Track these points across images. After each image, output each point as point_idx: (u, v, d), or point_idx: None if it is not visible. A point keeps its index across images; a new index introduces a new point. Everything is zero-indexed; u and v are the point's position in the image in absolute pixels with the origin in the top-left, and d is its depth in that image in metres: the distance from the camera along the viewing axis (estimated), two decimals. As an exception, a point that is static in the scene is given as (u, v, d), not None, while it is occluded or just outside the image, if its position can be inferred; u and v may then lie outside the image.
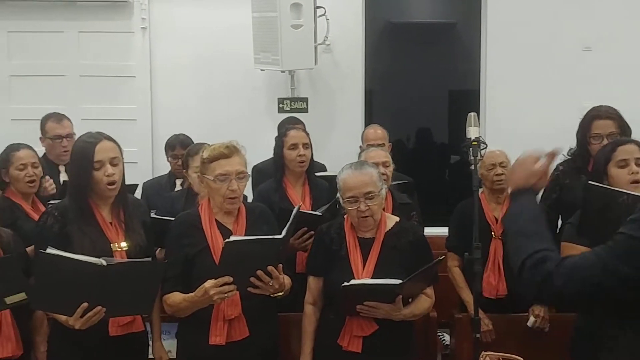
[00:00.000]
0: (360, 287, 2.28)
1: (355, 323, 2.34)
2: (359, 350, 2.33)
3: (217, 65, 4.56)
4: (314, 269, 2.51)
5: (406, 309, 2.35)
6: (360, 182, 2.37)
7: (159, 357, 2.48)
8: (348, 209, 2.41)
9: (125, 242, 2.32)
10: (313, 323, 2.47)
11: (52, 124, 3.59)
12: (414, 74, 5.72)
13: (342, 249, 2.43)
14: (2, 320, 2.21)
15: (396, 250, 2.42)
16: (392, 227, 2.47)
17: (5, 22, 4.53)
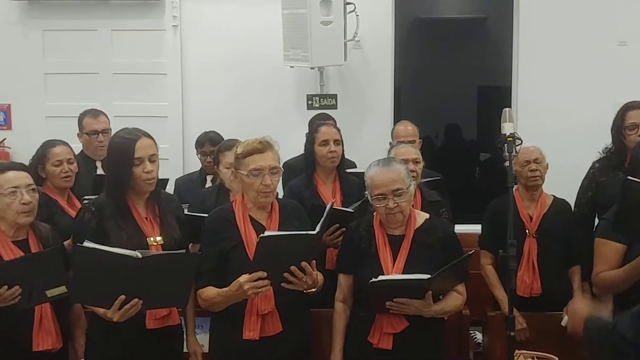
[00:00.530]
0: (388, 283, 2.27)
1: (386, 320, 2.33)
2: (389, 347, 2.32)
3: (247, 62, 4.58)
4: (343, 267, 2.52)
5: (436, 305, 2.33)
6: (388, 179, 2.36)
7: (193, 351, 2.50)
8: (376, 207, 2.40)
9: (161, 237, 2.35)
10: (343, 320, 2.47)
11: (88, 119, 3.64)
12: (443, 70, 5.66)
13: (372, 247, 2.42)
14: (43, 313, 2.25)
15: (426, 247, 2.40)
16: (422, 224, 2.46)
17: (41, 21, 4.62)
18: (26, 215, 2.29)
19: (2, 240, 2.28)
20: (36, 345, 2.24)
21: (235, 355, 2.35)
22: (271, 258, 2.19)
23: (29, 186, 2.32)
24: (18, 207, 2.27)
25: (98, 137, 3.58)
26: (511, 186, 2.43)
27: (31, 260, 2.17)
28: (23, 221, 2.29)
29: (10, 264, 2.13)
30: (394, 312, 2.30)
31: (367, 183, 2.44)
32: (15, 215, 2.27)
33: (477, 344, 3.25)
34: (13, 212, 2.27)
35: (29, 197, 2.29)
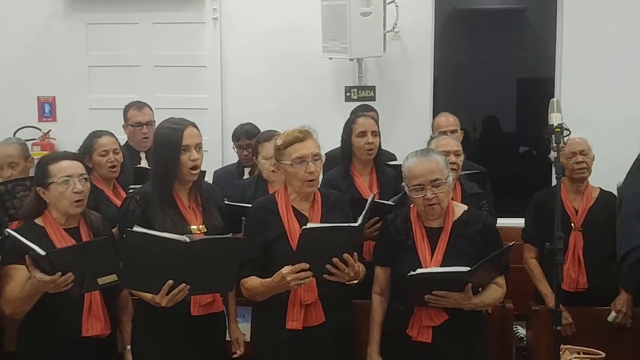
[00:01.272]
0: (427, 276, 2.25)
1: (425, 313, 2.31)
2: (428, 341, 2.31)
3: (286, 54, 4.59)
4: (380, 260, 2.51)
5: (476, 297, 2.30)
6: (426, 169, 2.34)
7: (236, 338, 2.53)
8: (414, 197, 2.38)
9: (203, 225, 2.38)
10: (380, 313, 2.46)
11: (133, 111, 3.71)
12: (482, 61, 5.59)
13: (409, 239, 2.41)
14: (92, 300, 2.30)
15: (465, 239, 2.37)
16: (461, 216, 2.43)
17: (84, 15, 4.70)
18: (77, 205, 2.34)
19: (54, 227, 2.33)
20: (85, 331, 2.29)
21: (278, 344, 2.37)
22: (314, 250, 2.20)
23: (81, 175, 2.36)
24: (70, 196, 2.31)
25: (142, 129, 3.64)
26: (559, 178, 2.39)
27: (84, 248, 2.21)
28: (74, 211, 2.34)
29: (64, 251, 2.17)
30: (433, 305, 2.29)
31: (404, 174, 2.42)
32: (67, 204, 2.32)
33: (520, 339, 3.21)
34: (65, 200, 2.32)
35: (81, 186, 2.34)
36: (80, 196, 2.33)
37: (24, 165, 3.23)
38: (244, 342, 2.55)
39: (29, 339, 2.35)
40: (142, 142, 3.62)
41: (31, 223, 2.36)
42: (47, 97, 4.80)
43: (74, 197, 2.32)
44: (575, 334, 2.75)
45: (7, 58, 4.75)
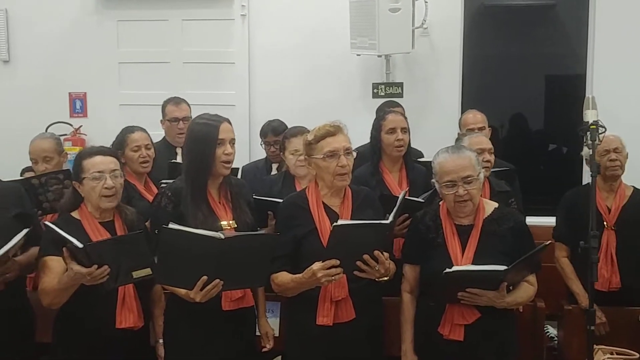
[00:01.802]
0: (463, 273, 2.23)
1: (457, 311, 2.30)
2: (460, 339, 2.29)
3: (313, 51, 4.60)
4: (410, 257, 2.49)
5: (509, 296, 2.29)
6: (459, 165, 2.33)
7: (265, 333, 2.55)
8: (445, 194, 2.36)
9: (233, 220, 2.40)
10: (412, 311, 2.46)
11: (171, 107, 3.77)
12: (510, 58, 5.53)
13: (439, 237, 2.39)
14: (126, 292, 2.33)
15: (496, 237, 2.35)
16: (491, 213, 2.41)
17: (115, 12, 4.77)
18: (108, 200, 2.36)
19: (90, 221, 2.37)
20: (119, 323, 2.32)
21: (308, 340, 2.38)
22: (344, 246, 2.20)
23: (113, 171, 2.39)
24: (101, 192, 2.35)
25: (178, 124, 3.69)
26: (594, 176, 2.35)
27: (120, 242, 2.24)
28: (105, 205, 2.37)
29: (100, 244, 2.20)
30: (466, 302, 2.27)
31: (435, 170, 2.40)
32: (98, 198, 2.35)
33: (550, 338, 3.17)
34: (97, 195, 2.35)
35: (111, 182, 2.36)
36: (110, 192, 2.35)
37: (58, 159, 3.29)
38: (273, 337, 2.56)
39: (64, 330, 2.39)
40: (177, 137, 3.66)
41: (68, 216, 2.41)
42: (78, 93, 4.88)
43: (105, 193, 2.35)
44: (608, 334, 2.72)
45: (40, 55, 4.85)
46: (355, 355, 2.39)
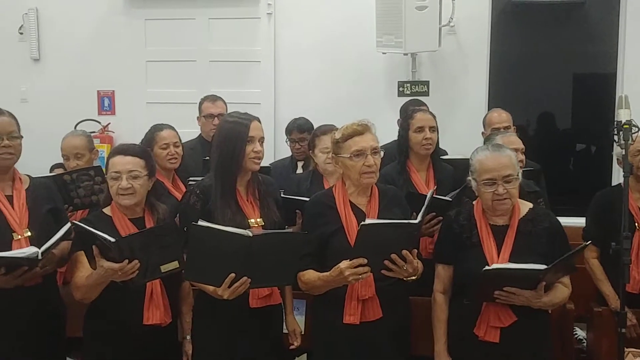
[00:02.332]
0: (502, 271, 2.21)
1: (493, 313, 2.28)
2: (496, 341, 2.27)
3: (339, 49, 4.60)
4: (443, 257, 2.47)
5: (546, 296, 2.26)
6: (500, 164, 2.30)
7: (292, 330, 2.55)
8: (483, 192, 2.34)
9: (261, 218, 2.41)
10: (445, 312, 2.44)
11: (207, 103, 3.82)
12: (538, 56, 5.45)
13: (474, 237, 2.37)
14: (153, 289, 2.35)
15: (531, 238, 2.33)
16: (527, 214, 2.38)
17: (143, 11, 4.82)
18: (125, 198, 2.37)
19: (119, 217, 2.40)
20: (146, 319, 2.34)
21: (335, 338, 2.38)
22: (372, 245, 2.19)
23: (130, 172, 2.36)
24: (117, 191, 2.36)
25: (213, 121, 3.73)
26: (626, 176, 2.31)
27: (150, 234, 2.26)
28: (122, 202, 2.38)
29: (131, 238, 2.22)
30: (501, 301, 2.24)
31: (474, 167, 2.37)
32: (116, 197, 2.38)
33: (579, 341, 3.12)
34: (114, 194, 2.38)
35: (126, 183, 2.34)
36: (127, 191, 2.35)
37: (89, 156, 3.33)
38: (300, 334, 2.57)
39: (93, 325, 2.42)
40: (212, 134, 3.69)
41: (100, 212, 2.44)
42: (107, 91, 4.95)
43: (120, 192, 2.36)
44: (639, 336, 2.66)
45: (69, 53, 4.92)
46: (382, 354, 2.38)
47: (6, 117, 2.40)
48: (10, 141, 2.37)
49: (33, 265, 2.24)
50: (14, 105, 2.51)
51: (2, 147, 2.36)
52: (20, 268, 2.23)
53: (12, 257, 2.21)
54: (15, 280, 2.25)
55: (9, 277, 2.23)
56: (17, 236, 2.33)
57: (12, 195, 2.40)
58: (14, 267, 2.22)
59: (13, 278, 2.24)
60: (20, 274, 2.23)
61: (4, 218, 2.33)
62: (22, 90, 4.95)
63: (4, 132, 2.36)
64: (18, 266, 2.22)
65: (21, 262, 2.22)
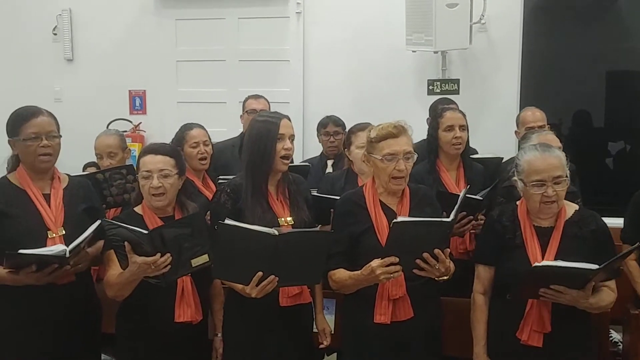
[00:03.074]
0: (552, 269, 2.15)
1: (536, 316, 2.23)
2: (539, 345, 2.23)
3: (368, 47, 4.58)
4: (484, 258, 2.42)
5: (592, 297, 2.20)
6: (550, 165, 2.24)
7: (322, 329, 2.55)
8: (532, 194, 2.27)
9: (291, 217, 2.41)
10: (485, 313, 2.39)
11: (251, 100, 3.87)
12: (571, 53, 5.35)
13: (517, 238, 2.32)
14: (184, 286, 2.37)
15: (577, 240, 2.27)
16: (572, 216, 2.33)
17: (173, 11, 4.88)
18: (157, 199, 2.39)
19: (150, 215, 2.42)
20: (178, 317, 2.36)
21: (366, 338, 2.36)
22: (404, 244, 2.17)
23: (161, 171, 2.38)
24: (149, 191, 2.38)
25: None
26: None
27: (181, 224, 2.28)
28: (154, 204, 2.40)
29: (163, 229, 2.24)
30: (546, 299, 2.19)
31: (521, 168, 2.30)
32: (148, 197, 2.40)
33: (614, 343, 3.06)
34: (146, 193, 2.40)
35: (157, 182, 2.36)
36: (157, 191, 2.37)
37: (122, 155, 3.37)
38: (330, 334, 2.55)
39: (126, 322, 2.45)
40: None
41: (131, 211, 2.47)
42: (138, 91, 5.02)
43: (152, 192, 2.38)
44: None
45: (101, 54, 5.00)
46: (413, 354, 2.36)
47: (46, 116, 2.41)
48: (49, 141, 2.38)
49: (62, 263, 2.27)
50: (48, 105, 2.54)
51: (41, 147, 2.37)
52: (51, 266, 2.25)
53: (40, 255, 2.23)
54: (46, 278, 2.27)
55: (40, 275, 2.25)
56: (52, 234, 2.36)
57: (50, 194, 2.44)
58: (45, 264, 2.25)
59: (44, 275, 2.26)
60: (50, 271, 2.26)
61: (40, 216, 2.37)
62: (56, 90, 5.05)
63: (43, 132, 2.37)
64: (48, 264, 2.25)
65: (49, 260, 2.24)
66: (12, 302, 2.36)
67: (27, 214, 2.35)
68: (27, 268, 2.23)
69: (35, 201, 2.39)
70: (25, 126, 2.36)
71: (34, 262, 2.23)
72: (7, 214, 2.34)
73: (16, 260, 2.23)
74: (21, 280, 2.26)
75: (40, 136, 2.36)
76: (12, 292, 2.32)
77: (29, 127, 2.36)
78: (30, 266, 2.23)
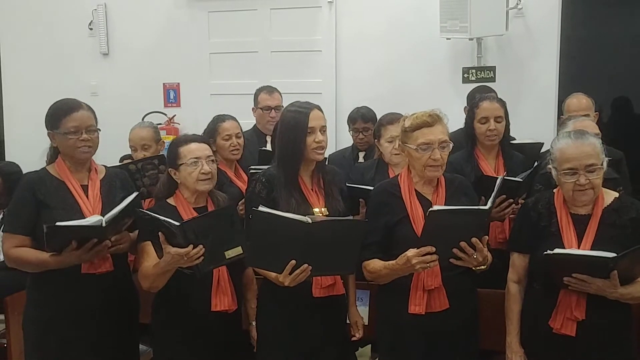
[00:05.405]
0: (566, 257, 2.11)
1: (569, 304, 2.17)
2: (572, 334, 2.17)
3: (401, 36, 4.52)
4: (519, 246, 2.37)
5: (624, 288, 2.12)
6: (582, 152, 2.18)
7: (355, 322, 2.53)
8: (564, 182, 2.22)
9: (325, 207, 2.39)
10: (519, 303, 2.35)
11: (264, 95, 3.82)
12: (612, 37, 5.18)
13: (552, 225, 2.26)
14: (220, 276, 2.39)
15: (615, 229, 2.20)
16: (611, 203, 2.26)
17: (206, 3, 4.89)
18: (206, 183, 2.43)
19: (185, 206, 2.44)
20: (214, 306, 2.37)
21: (401, 329, 2.33)
22: (440, 233, 2.13)
23: (208, 157, 2.46)
24: (198, 176, 2.41)
25: (270, 113, 3.74)
26: None
27: (214, 217, 2.28)
28: (203, 188, 2.43)
29: (195, 221, 2.25)
30: (573, 288, 2.14)
31: (554, 156, 2.26)
32: (195, 182, 2.42)
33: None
34: (194, 180, 2.42)
35: (208, 167, 2.43)
36: (207, 176, 2.43)
37: (156, 147, 3.41)
38: (362, 326, 2.54)
39: (162, 312, 2.47)
40: (268, 125, 3.71)
41: (164, 203, 2.48)
42: (172, 84, 5.06)
43: (201, 177, 2.41)
44: None
45: (136, 48, 5.06)
46: (449, 346, 2.32)
47: (85, 110, 2.44)
48: (88, 134, 2.41)
49: (100, 236, 2.28)
50: (84, 99, 2.57)
51: (80, 141, 2.40)
52: (91, 241, 2.26)
53: (77, 226, 2.25)
54: (86, 255, 2.28)
55: (82, 252, 2.27)
56: (90, 224, 2.39)
57: (88, 185, 2.47)
58: (84, 240, 2.26)
59: (85, 252, 2.27)
60: (91, 246, 2.27)
61: (78, 207, 2.40)
62: (92, 84, 5.13)
63: (82, 126, 2.41)
64: (88, 239, 2.26)
65: (87, 232, 2.25)
66: (54, 291, 2.40)
67: (66, 205, 2.39)
68: (68, 247, 2.26)
69: (74, 192, 2.42)
70: (66, 120, 2.40)
71: (69, 233, 2.24)
72: (47, 204, 2.38)
73: (55, 235, 2.24)
74: (64, 260, 2.29)
75: (80, 130, 2.40)
76: (54, 281, 2.37)
77: (69, 120, 2.39)
78: (71, 244, 2.26)
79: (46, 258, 2.30)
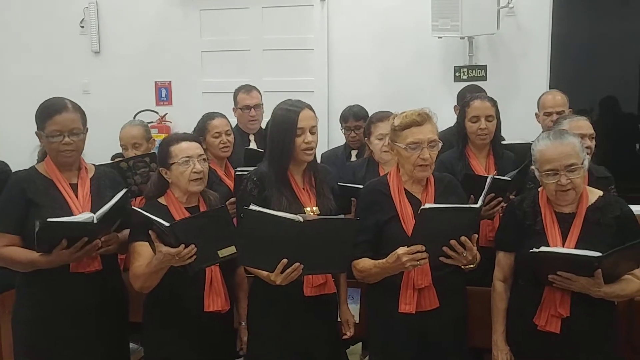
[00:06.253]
0: (552, 255, 2.13)
1: (553, 301, 2.19)
2: (557, 331, 2.19)
3: (393, 34, 4.54)
4: (504, 244, 2.40)
5: (608, 286, 2.14)
6: (561, 153, 2.20)
7: (346, 320, 2.54)
8: (545, 183, 2.25)
9: (317, 207, 2.39)
10: (504, 301, 2.37)
11: (242, 95, 3.81)
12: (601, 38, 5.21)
13: (537, 224, 2.28)
14: (213, 276, 2.38)
15: (600, 227, 2.22)
16: (596, 202, 2.28)
17: (198, 2, 4.89)
18: (197, 184, 2.42)
19: (176, 206, 2.43)
20: (207, 306, 2.37)
21: (391, 328, 2.34)
22: (431, 231, 2.14)
23: (200, 156, 2.44)
24: (190, 176, 2.40)
25: (250, 112, 3.73)
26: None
27: (204, 217, 2.28)
28: (194, 189, 2.42)
29: (186, 222, 2.24)
30: (558, 286, 2.16)
31: (534, 157, 2.28)
32: (187, 183, 2.41)
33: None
34: (185, 180, 2.40)
35: (200, 166, 2.42)
36: (199, 175, 2.41)
37: (147, 146, 3.39)
38: (353, 324, 2.55)
39: (154, 312, 2.46)
40: (249, 124, 3.71)
41: (155, 202, 2.47)
42: (164, 82, 5.05)
43: (194, 176, 2.40)
44: None
45: (128, 46, 5.05)
46: (438, 344, 2.33)
47: (70, 112, 2.39)
48: (71, 138, 2.37)
49: (91, 233, 2.27)
50: (76, 97, 2.55)
51: (62, 145, 2.37)
52: (81, 240, 2.25)
53: (69, 222, 2.24)
54: (77, 254, 2.27)
55: (72, 251, 2.26)
56: (79, 223, 2.38)
57: (77, 184, 2.46)
58: (74, 239, 2.25)
59: (75, 251, 2.26)
60: (81, 245, 2.26)
61: (67, 206, 2.39)
62: (84, 82, 5.12)
63: (65, 130, 2.37)
64: (77, 238, 2.25)
65: (78, 228, 2.23)
66: (43, 290, 2.39)
67: (55, 204, 2.37)
68: (58, 246, 2.25)
69: (63, 191, 2.41)
70: (49, 123, 2.36)
71: (60, 229, 2.23)
72: (37, 203, 2.36)
73: (47, 232, 2.22)
74: (54, 260, 2.28)
75: (62, 134, 2.36)
76: (43, 280, 2.36)
77: (52, 124, 2.36)
78: (61, 243, 2.24)
79: (36, 257, 2.29)
